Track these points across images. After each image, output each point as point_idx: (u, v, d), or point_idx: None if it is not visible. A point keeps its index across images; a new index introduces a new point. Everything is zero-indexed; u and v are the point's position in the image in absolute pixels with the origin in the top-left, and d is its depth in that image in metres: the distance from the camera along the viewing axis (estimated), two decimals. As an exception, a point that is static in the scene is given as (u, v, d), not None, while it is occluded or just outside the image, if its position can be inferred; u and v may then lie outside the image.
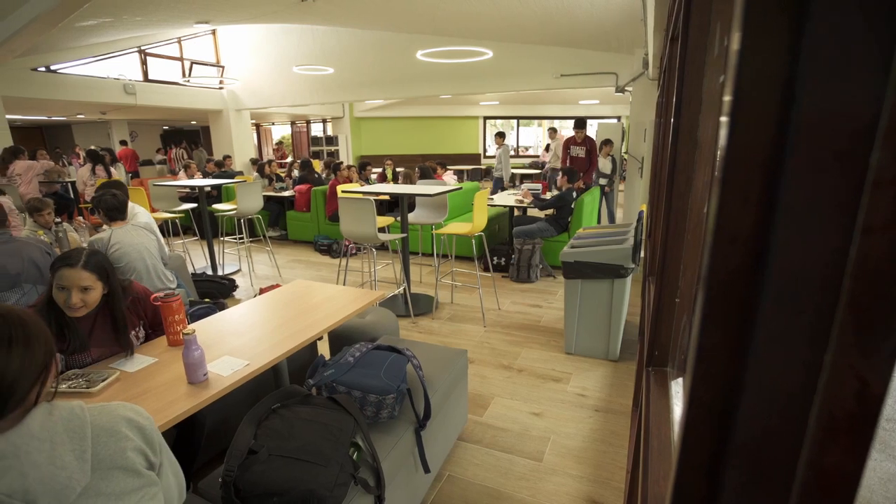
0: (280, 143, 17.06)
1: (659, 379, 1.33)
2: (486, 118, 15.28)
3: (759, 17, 0.29)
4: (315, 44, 8.47)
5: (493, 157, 11.62)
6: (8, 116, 6.93)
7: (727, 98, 0.32)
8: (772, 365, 0.32)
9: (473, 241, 4.05)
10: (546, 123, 16.17)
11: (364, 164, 7.33)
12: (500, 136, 9.08)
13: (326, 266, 5.72)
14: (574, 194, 5.04)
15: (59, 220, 3.76)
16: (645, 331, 1.82)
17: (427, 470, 1.87)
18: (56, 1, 4.29)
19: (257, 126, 15.72)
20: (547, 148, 14.38)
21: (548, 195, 5.60)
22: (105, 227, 3.01)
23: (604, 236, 3.38)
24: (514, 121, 15.68)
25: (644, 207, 3.80)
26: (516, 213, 5.50)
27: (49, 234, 3.67)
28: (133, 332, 1.84)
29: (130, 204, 3.81)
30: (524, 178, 12.65)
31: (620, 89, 6.50)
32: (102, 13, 5.63)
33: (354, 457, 1.47)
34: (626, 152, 7.02)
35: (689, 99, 1.23)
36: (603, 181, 6.67)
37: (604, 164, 6.66)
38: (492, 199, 5.37)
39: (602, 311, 3.11)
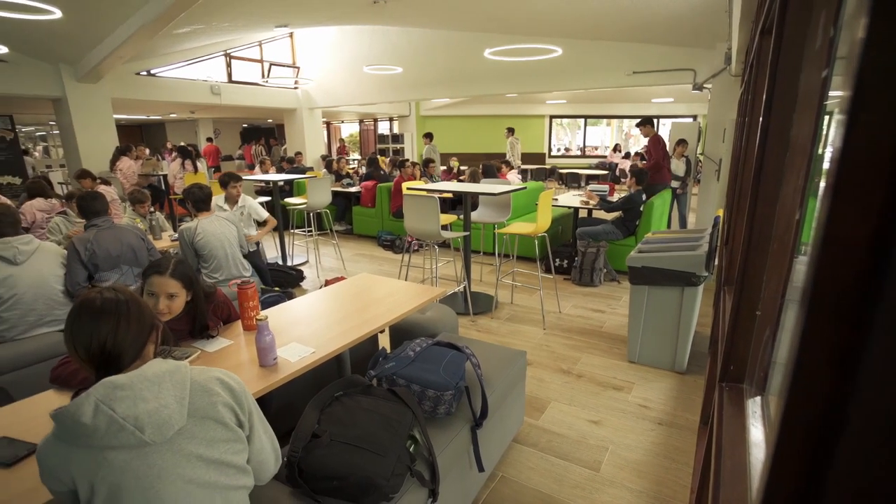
0: (342, 140, 17.66)
1: (733, 396, 1.25)
2: (552, 117, 14.98)
3: (890, 2, 0.26)
4: (385, 44, 8.68)
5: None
6: (114, 116, 7.69)
7: (846, 93, 0.28)
8: (887, 387, 0.29)
9: (536, 242, 3.99)
10: (615, 123, 15.60)
11: (427, 161, 7.42)
12: (510, 130, 11.32)
13: (389, 261, 5.86)
14: (643, 196, 4.82)
15: (152, 209, 4.13)
16: (719, 344, 1.71)
17: (481, 469, 1.87)
18: (158, 12, 4.69)
19: (327, 124, 16.38)
20: (616, 148, 13.88)
21: (615, 197, 5.40)
22: (192, 217, 3.28)
23: (675, 241, 3.21)
24: (582, 120, 15.24)
25: (721, 212, 3.57)
26: (581, 214, 5.36)
27: (144, 221, 4.04)
28: (216, 328, 1.98)
29: (243, 195, 4.16)
30: (590, 178, 12.27)
31: (698, 87, 6.14)
32: (196, 20, 6.10)
33: (411, 449, 1.49)
34: (701, 153, 6.61)
35: (782, 96, 1.13)
36: (675, 183, 6.31)
37: (677, 166, 6.30)
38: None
39: (670, 320, 2.95)
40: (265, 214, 4.30)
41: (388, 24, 8.14)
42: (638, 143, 15.29)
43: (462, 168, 8.19)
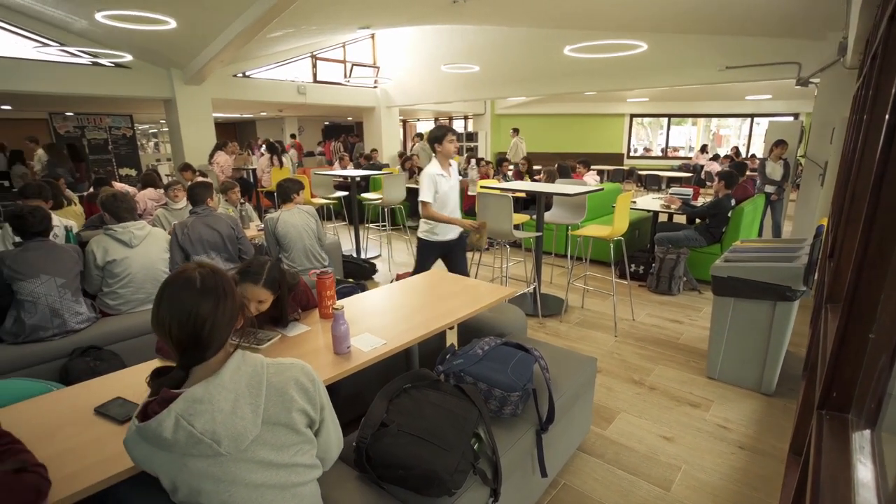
0: (416, 137, 17.95)
1: (835, 426, 1.12)
2: (632, 116, 14.29)
3: None
4: (463, 42, 8.74)
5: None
6: (213, 114, 8.41)
7: None
8: None
9: (611, 246, 3.83)
10: (702, 122, 14.61)
11: (501, 160, 7.38)
12: (515, 130, 11.73)
13: (457, 258, 5.90)
14: (732, 202, 4.48)
15: (242, 200, 4.48)
16: (818, 367, 1.55)
17: (544, 474, 1.83)
18: (255, 17, 5.05)
19: (404, 122, 16.79)
20: (703, 149, 12.97)
21: (699, 201, 5.06)
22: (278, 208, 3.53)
23: (767, 251, 2.95)
24: (665, 119, 14.41)
25: (825, 221, 3.23)
26: (661, 218, 5.08)
27: (235, 210, 4.39)
28: (295, 315, 2.09)
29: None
30: (671, 181, 11.57)
31: (803, 82, 5.58)
32: (287, 24, 6.50)
33: (475, 447, 1.50)
34: (802, 155, 6.01)
35: (913, 92, 1.00)
36: (770, 188, 5.77)
37: (773, 169, 5.77)
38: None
39: (758, 337, 2.72)
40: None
41: (466, 23, 8.18)
42: (727, 143, 14.22)
43: (536, 168, 8.04)
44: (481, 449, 1.52)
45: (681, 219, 5.13)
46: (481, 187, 4.04)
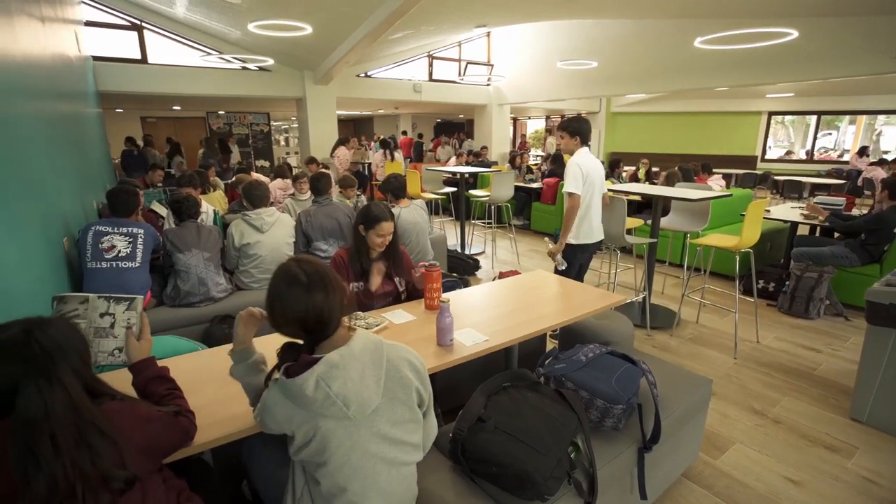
0: (524, 135, 17.74)
1: None
2: (771, 113, 12.62)
3: None
4: (581, 38, 8.44)
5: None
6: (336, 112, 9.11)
7: None
8: None
9: (737, 258, 3.46)
10: (864, 119, 12.48)
11: (616, 162, 7.01)
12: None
13: (560, 260, 5.75)
14: (900, 215, 3.79)
15: (358, 192, 4.80)
16: None
17: (644, 496, 1.72)
18: (379, 20, 5.35)
19: (514, 120, 16.69)
20: (862, 151, 11.08)
21: (854, 212, 4.36)
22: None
23: (947, 278, 2.45)
24: (813, 117, 12.53)
25: None
26: (800, 230, 4.47)
27: (351, 201, 4.72)
28: (398, 279, 2.29)
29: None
30: (816, 188, 10.08)
31: None
32: (408, 26, 6.80)
33: (572, 455, 1.45)
34: None
35: None
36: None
37: (960, 179, 4.77)
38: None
39: (925, 378, 2.28)
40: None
41: (584, 17, 7.88)
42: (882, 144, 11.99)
43: (654, 170, 7.53)
44: (578, 458, 1.47)
45: (816, 231, 4.47)
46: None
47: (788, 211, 4.54)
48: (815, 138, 12.69)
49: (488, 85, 10.92)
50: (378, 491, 1.14)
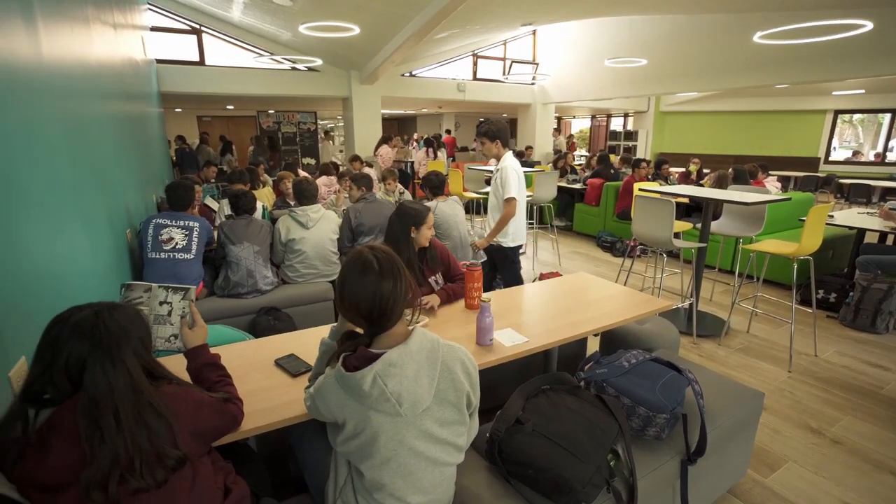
0: (571, 135, 17.39)
1: None
2: (837, 112, 11.79)
3: None
4: (630, 35, 8.19)
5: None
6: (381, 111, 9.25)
7: None
8: None
9: (795, 266, 3.26)
10: (944, 120, 11.46)
11: (661, 162, 6.77)
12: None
13: (606, 263, 5.62)
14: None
15: (402, 190, 4.86)
16: None
17: (687, 510, 1.66)
18: (424, 20, 5.39)
19: (559, 119, 16.41)
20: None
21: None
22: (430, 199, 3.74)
23: None
24: (887, 115, 11.62)
25: None
26: (868, 238, 4.16)
27: (392, 196, 4.79)
28: (433, 278, 2.29)
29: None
30: (888, 193, 9.36)
31: None
32: (453, 25, 6.81)
33: (612, 463, 1.42)
34: None
35: None
36: None
37: None
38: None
39: None
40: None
41: (634, 13, 7.65)
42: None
43: (704, 171, 7.22)
44: (617, 467, 1.44)
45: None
46: (640, 189, 3.77)
47: (854, 216, 4.24)
48: (888, 138, 11.77)
49: (533, 83, 10.78)
50: (419, 488, 1.15)
